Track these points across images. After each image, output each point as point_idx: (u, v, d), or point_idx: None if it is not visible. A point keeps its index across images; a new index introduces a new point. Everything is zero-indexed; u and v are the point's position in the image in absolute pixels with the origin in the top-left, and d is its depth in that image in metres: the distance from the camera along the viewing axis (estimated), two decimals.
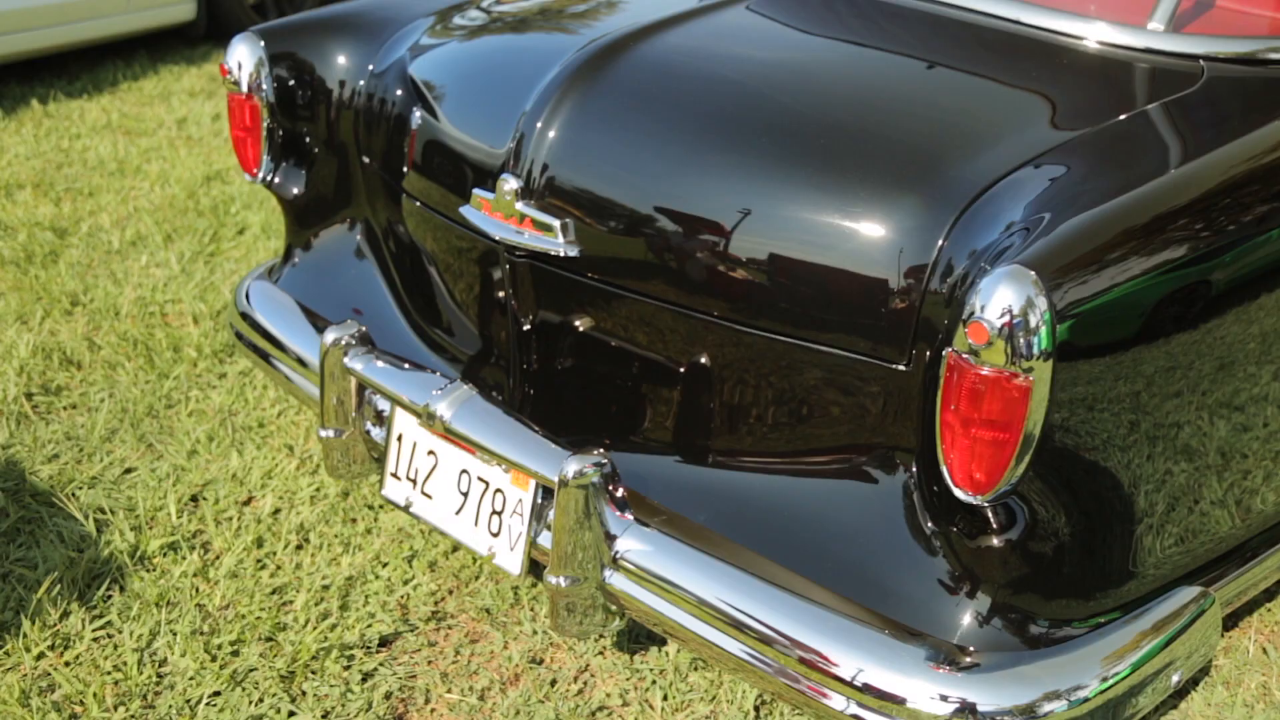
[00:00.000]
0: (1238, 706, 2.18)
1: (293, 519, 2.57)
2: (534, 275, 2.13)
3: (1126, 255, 1.70)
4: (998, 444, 1.58)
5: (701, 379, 2.06)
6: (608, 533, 1.99)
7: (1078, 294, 1.61)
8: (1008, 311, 1.53)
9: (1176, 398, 1.83)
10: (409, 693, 2.16)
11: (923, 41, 2.28)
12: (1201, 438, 1.91)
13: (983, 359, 1.56)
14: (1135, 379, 1.73)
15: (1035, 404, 1.56)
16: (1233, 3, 2.45)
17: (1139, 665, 1.83)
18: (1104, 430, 1.74)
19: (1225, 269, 1.80)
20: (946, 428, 1.63)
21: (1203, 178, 1.86)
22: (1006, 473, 1.60)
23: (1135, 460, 1.83)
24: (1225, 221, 1.82)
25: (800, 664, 1.81)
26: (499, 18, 2.61)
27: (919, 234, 1.79)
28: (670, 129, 2.04)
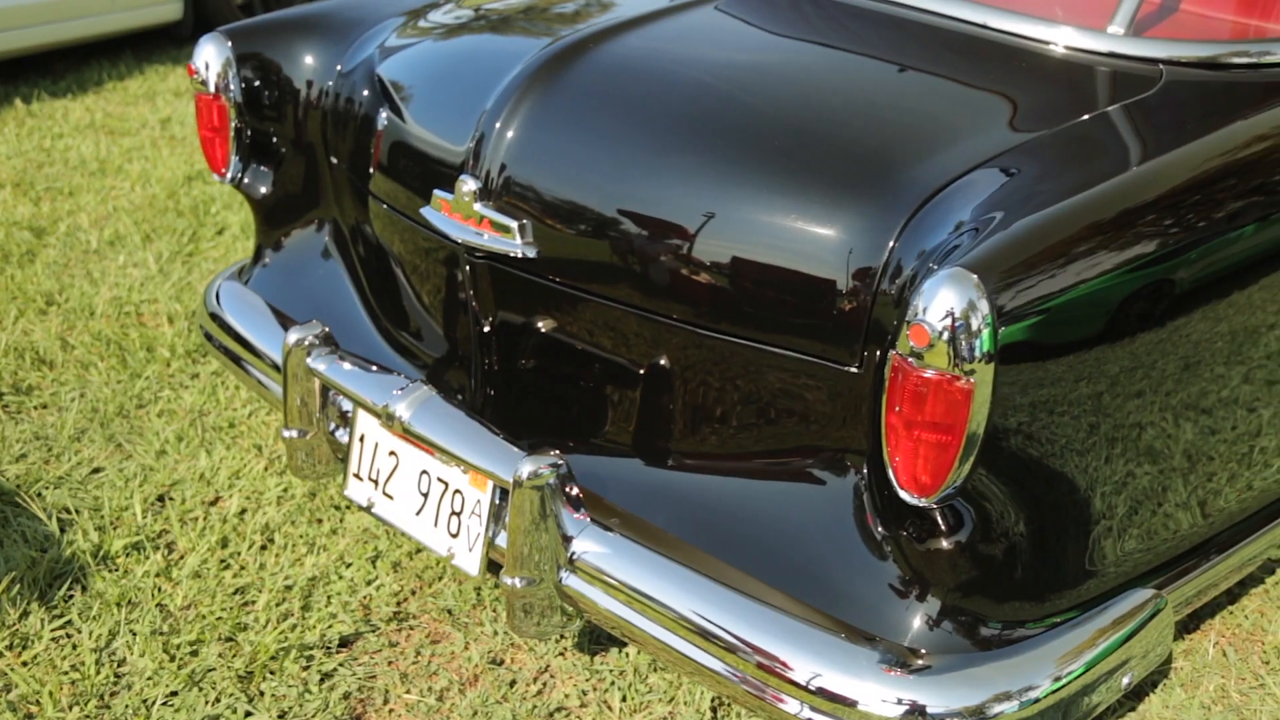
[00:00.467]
0: (1195, 708, 2.19)
1: (258, 519, 2.57)
2: (493, 276, 2.14)
3: (1077, 257, 1.70)
4: (941, 446, 1.58)
5: (660, 381, 2.06)
6: (564, 534, 2.00)
7: (1024, 296, 1.61)
8: (949, 314, 1.53)
9: (1132, 399, 1.83)
10: (368, 693, 2.17)
11: (885, 44, 2.29)
12: (1157, 438, 1.91)
13: (925, 361, 1.56)
14: (1087, 381, 1.73)
15: (978, 406, 1.56)
16: (1196, 7, 2.45)
17: (1089, 667, 1.83)
18: (1055, 432, 1.75)
19: (1178, 271, 1.80)
20: (891, 430, 1.63)
21: (1157, 180, 1.86)
22: (950, 475, 1.60)
23: (1088, 461, 1.83)
24: (1178, 224, 1.82)
25: (753, 667, 1.81)
26: (468, 18, 2.62)
27: (870, 235, 1.80)
28: (627, 130, 2.05)
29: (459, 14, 2.65)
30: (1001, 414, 1.64)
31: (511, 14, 2.61)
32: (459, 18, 2.63)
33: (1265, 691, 2.24)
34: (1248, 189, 1.98)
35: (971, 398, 1.55)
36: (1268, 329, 1.98)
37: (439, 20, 2.63)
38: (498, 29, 2.57)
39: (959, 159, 1.89)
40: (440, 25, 2.60)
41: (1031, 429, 1.72)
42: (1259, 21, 2.41)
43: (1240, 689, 2.25)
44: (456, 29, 2.59)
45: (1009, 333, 1.59)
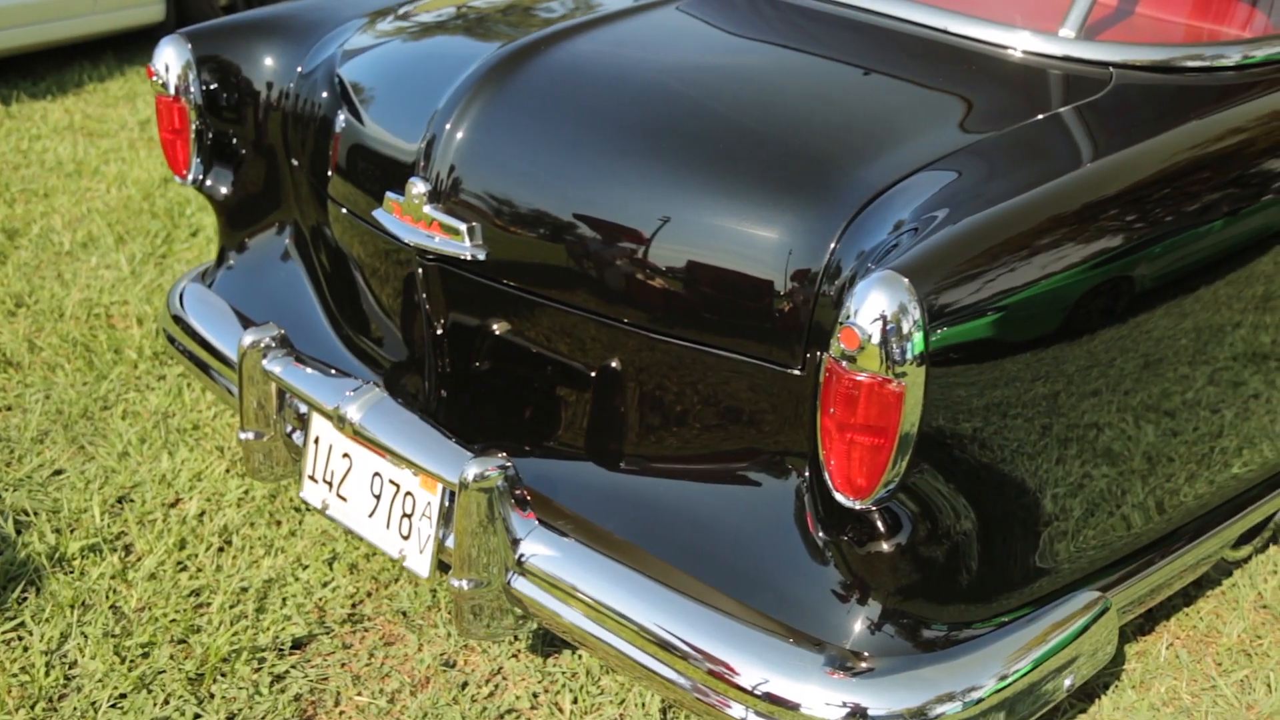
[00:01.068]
0: (1144, 710, 2.19)
1: (217, 521, 2.57)
2: (444, 279, 2.14)
3: (1015, 258, 1.70)
4: (874, 449, 1.58)
5: (610, 384, 2.06)
6: (512, 537, 2.00)
7: (959, 298, 1.61)
8: (880, 317, 1.53)
9: (1077, 400, 1.84)
10: (319, 695, 2.17)
11: (840, 46, 2.29)
12: (1103, 439, 1.91)
13: (857, 364, 1.56)
14: (1027, 382, 1.74)
15: (909, 409, 1.57)
16: (1152, 10, 2.46)
17: (1031, 669, 1.83)
18: (995, 433, 1.75)
19: (1122, 273, 1.80)
20: (825, 432, 1.63)
21: (1101, 182, 1.86)
22: (884, 477, 1.61)
23: (1032, 462, 1.83)
24: (1122, 226, 1.82)
25: (695, 670, 1.81)
26: (429, 20, 2.62)
27: (811, 237, 1.80)
28: (575, 133, 2.05)
29: (420, 16, 2.65)
30: (938, 416, 1.65)
31: (473, 16, 2.61)
32: (420, 20, 2.63)
33: (1216, 693, 2.24)
34: (1195, 190, 1.99)
35: (903, 400, 1.55)
36: (1211, 330, 1.99)
37: (400, 22, 2.64)
38: (458, 31, 2.57)
39: (904, 161, 1.90)
40: (401, 27, 2.61)
41: (970, 431, 1.72)
42: (1213, 25, 2.42)
43: (1191, 690, 2.25)
44: (416, 31, 2.59)
45: (943, 335, 1.59)
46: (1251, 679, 2.28)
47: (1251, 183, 2.08)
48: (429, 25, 2.60)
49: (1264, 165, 2.12)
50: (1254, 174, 2.09)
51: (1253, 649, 2.36)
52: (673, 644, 1.84)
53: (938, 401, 1.63)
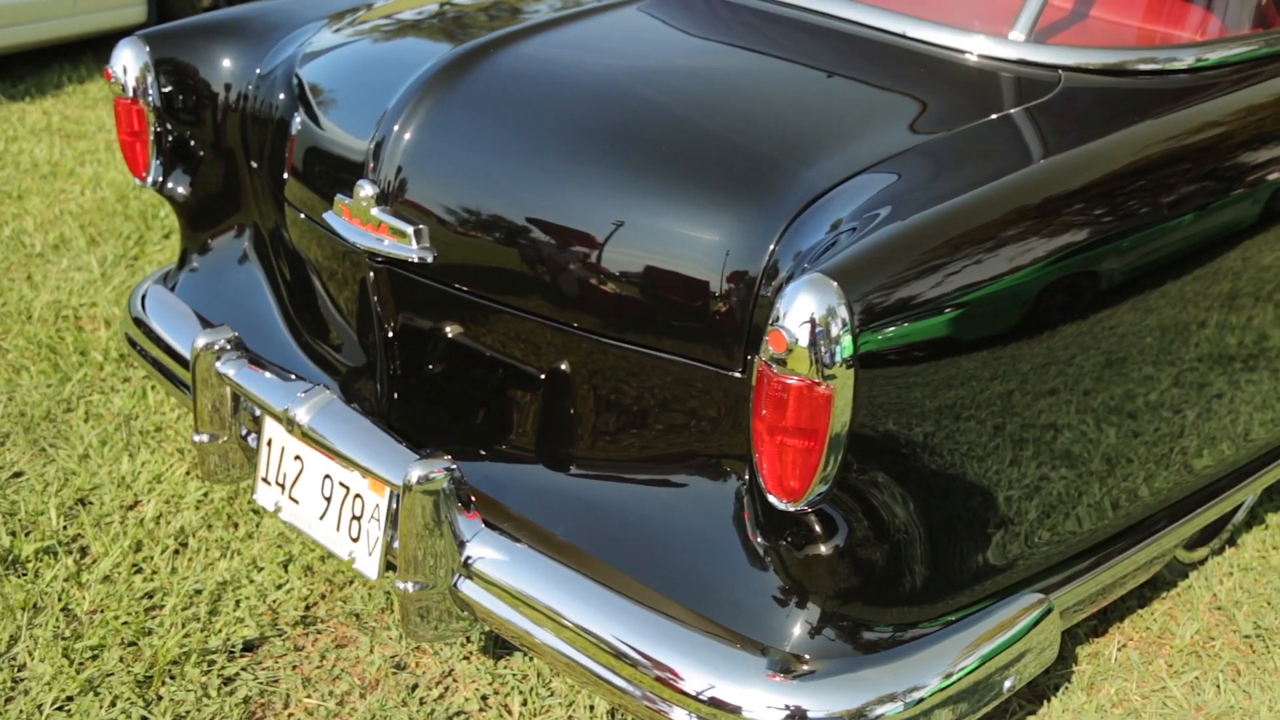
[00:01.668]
0: (1092, 711, 2.19)
1: (175, 523, 2.57)
2: (393, 281, 2.14)
3: (950, 261, 1.70)
4: (804, 451, 1.59)
5: (558, 387, 2.07)
6: (458, 539, 2.00)
7: (890, 300, 1.62)
8: (808, 320, 1.53)
9: (1013, 400, 1.84)
10: (268, 697, 2.17)
11: (794, 48, 2.29)
12: (1044, 440, 1.91)
13: (786, 367, 1.57)
14: (962, 385, 1.74)
15: (839, 411, 1.57)
16: (1106, 14, 2.46)
17: (971, 671, 1.84)
18: (932, 435, 1.75)
19: (1056, 277, 1.80)
20: (757, 435, 1.64)
21: (1040, 184, 1.86)
22: (815, 480, 1.61)
23: (973, 463, 1.83)
24: (1060, 229, 1.82)
25: (634, 672, 1.81)
26: (388, 22, 2.62)
27: (750, 239, 1.80)
28: (520, 134, 2.05)
29: (380, 18, 2.66)
30: (872, 418, 1.65)
31: (435, 18, 2.62)
32: (379, 22, 2.64)
33: (1166, 694, 2.25)
34: (1144, 192, 1.99)
35: (832, 403, 1.55)
36: (1155, 334, 1.99)
37: (359, 24, 2.64)
38: (417, 33, 2.57)
39: (846, 163, 1.90)
40: (360, 29, 2.61)
41: (908, 432, 1.73)
42: (1167, 29, 2.42)
43: (1142, 692, 2.26)
44: (375, 32, 2.59)
45: (873, 338, 1.59)
46: (1201, 680, 2.28)
47: (1204, 184, 2.08)
48: (388, 27, 2.60)
49: (1218, 166, 2.13)
50: (1207, 175, 2.10)
51: (1204, 650, 2.36)
52: (614, 648, 1.83)
53: (871, 403, 1.63)
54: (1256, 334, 2.21)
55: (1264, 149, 2.22)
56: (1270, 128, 2.26)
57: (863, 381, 1.58)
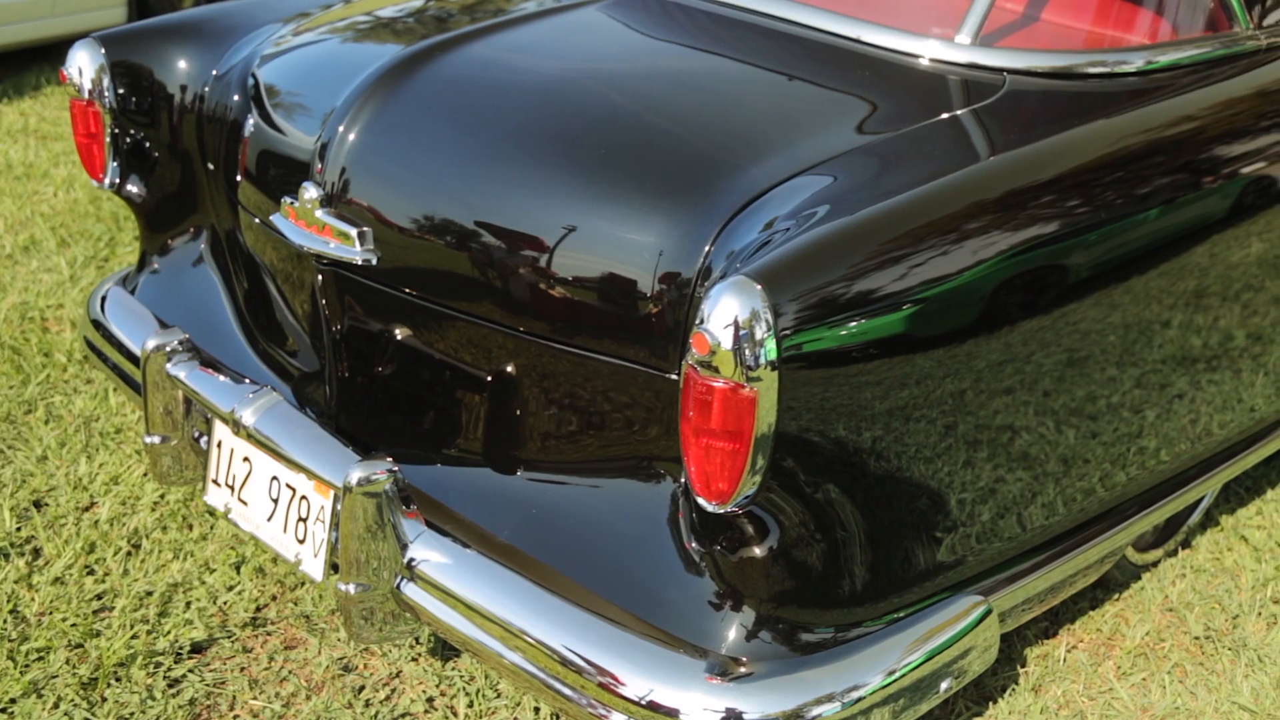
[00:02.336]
0: (1037, 713, 2.20)
1: (129, 525, 2.57)
2: (339, 284, 2.14)
3: (879, 263, 1.71)
4: (731, 454, 1.59)
5: (501, 389, 2.07)
6: (400, 541, 2.01)
7: (816, 302, 1.62)
8: (732, 323, 1.54)
9: (948, 401, 1.84)
10: (214, 699, 2.17)
11: (743, 51, 2.30)
12: (982, 439, 1.91)
13: (711, 369, 1.57)
14: (893, 385, 1.74)
15: (763, 413, 1.57)
16: (1057, 18, 2.47)
17: (907, 673, 1.84)
18: (865, 435, 1.75)
19: (986, 279, 1.80)
20: (684, 437, 1.64)
21: (975, 186, 1.86)
22: (742, 482, 1.61)
23: (908, 464, 1.83)
24: (992, 233, 1.82)
25: (566, 673, 1.81)
26: (346, 25, 2.62)
27: (685, 241, 1.80)
28: (463, 137, 2.06)
29: (337, 21, 2.66)
30: (800, 420, 1.65)
31: (392, 20, 2.62)
32: (337, 25, 2.64)
33: (1112, 695, 2.25)
34: (1081, 194, 1.99)
35: (756, 405, 1.56)
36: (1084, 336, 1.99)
37: (315, 26, 2.64)
38: (372, 36, 2.57)
39: (784, 165, 1.90)
40: (316, 31, 2.61)
41: (840, 433, 1.73)
42: (1116, 32, 2.43)
43: (1089, 693, 2.26)
44: (332, 35, 2.59)
45: (799, 340, 1.60)
46: (1149, 681, 2.29)
47: (1152, 185, 2.09)
48: (345, 29, 2.60)
49: (1166, 167, 2.13)
50: (1155, 176, 2.10)
51: (1154, 652, 2.37)
52: (554, 652, 1.83)
53: (800, 405, 1.63)
54: (1190, 337, 2.20)
55: (1213, 150, 2.22)
56: (1220, 129, 2.27)
57: (789, 383, 1.59)
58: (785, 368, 1.57)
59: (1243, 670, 2.32)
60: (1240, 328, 2.30)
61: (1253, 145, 2.29)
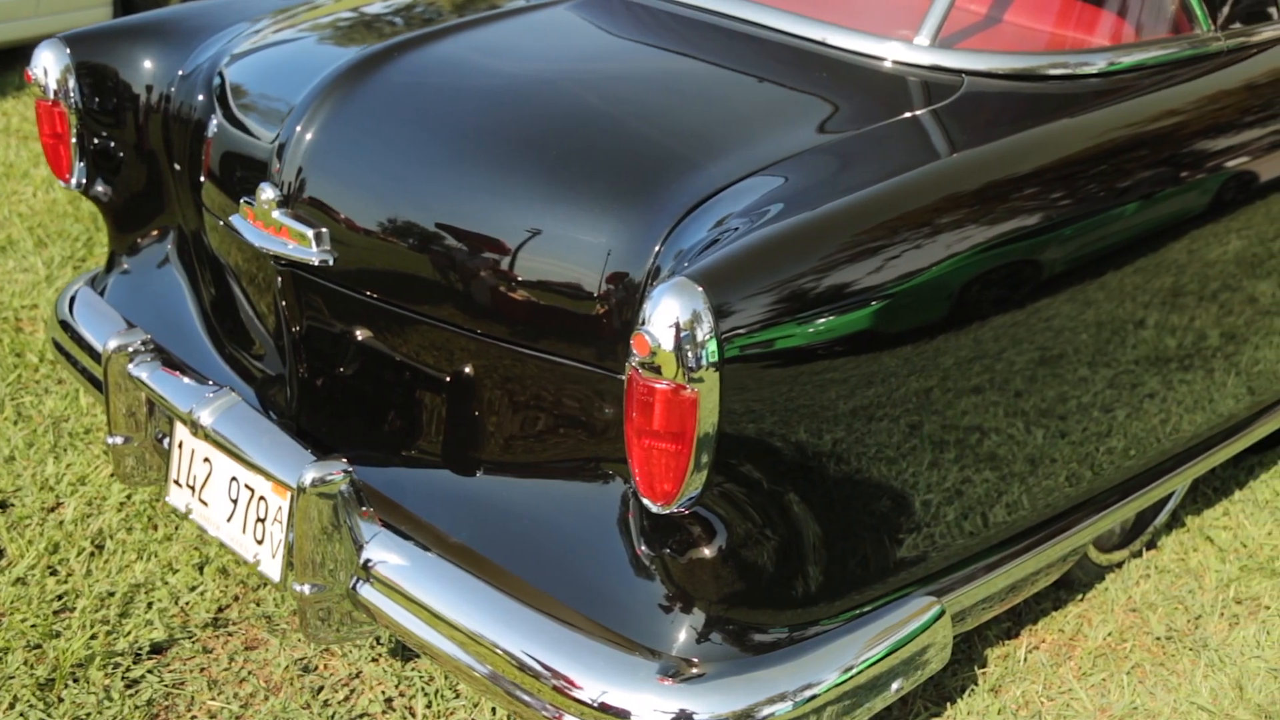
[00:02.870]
0: (995, 714, 2.20)
1: (94, 525, 2.57)
2: (297, 285, 2.14)
3: (823, 265, 1.71)
4: (673, 454, 1.59)
5: (459, 390, 2.07)
6: (356, 542, 2.01)
7: (760, 303, 1.62)
8: (673, 324, 1.54)
9: (893, 400, 1.84)
10: (172, 700, 2.17)
11: (701, 51, 2.30)
12: (925, 439, 1.91)
13: (653, 370, 1.57)
14: (840, 385, 1.74)
15: (705, 414, 1.57)
16: (1020, 19, 2.47)
17: (856, 674, 1.84)
18: (813, 436, 1.75)
19: (932, 283, 1.80)
20: (629, 439, 1.64)
21: (925, 187, 1.87)
22: (686, 483, 1.61)
23: (859, 463, 1.83)
24: (941, 235, 1.82)
25: (512, 669, 1.81)
26: (312, 26, 2.62)
27: (636, 242, 1.81)
28: (419, 137, 2.06)
29: (304, 21, 2.66)
30: (745, 420, 1.65)
31: (358, 21, 2.62)
32: (303, 25, 2.63)
33: (1071, 697, 2.25)
34: (1025, 197, 1.98)
35: (698, 406, 1.56)
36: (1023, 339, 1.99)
37: (282, 27, 2.64)
38: (337, 36, 2.58)
39: (735, 166, 1.90)
40: (282, 31, 2.61)
41: (786, 434, 1.73)
42: (1079, 34, 2.43)
43: (1048, 694, 2.26)
44: (297, 36, 2.59)
45: (741, 341, 1.60)
46: (1108, 682, 2.29)
47: (1107, 187, 2.09)
48: (312, 30, 2.60)
49: (1125, 167, 2.13)
50: (1114, 176, 2.10)
51: (1115, 652, 2.37)
52: (504, 652, 1.83)
53: (744, 405, 1.63)
54: (1139, 338, 2.20)
55: (1172, 152, 2.22)
56: (1182, 131, 2.27)
57: (732, 384, 1.59)
58: (728, 369, 1.57)
59: (1202, 671, 2.32)
60: (1195, 329, 2.30)
61: (1213, 147, 2.29)
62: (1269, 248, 2.41)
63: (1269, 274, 2.43)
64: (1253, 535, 2.70)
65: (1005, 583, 2.14)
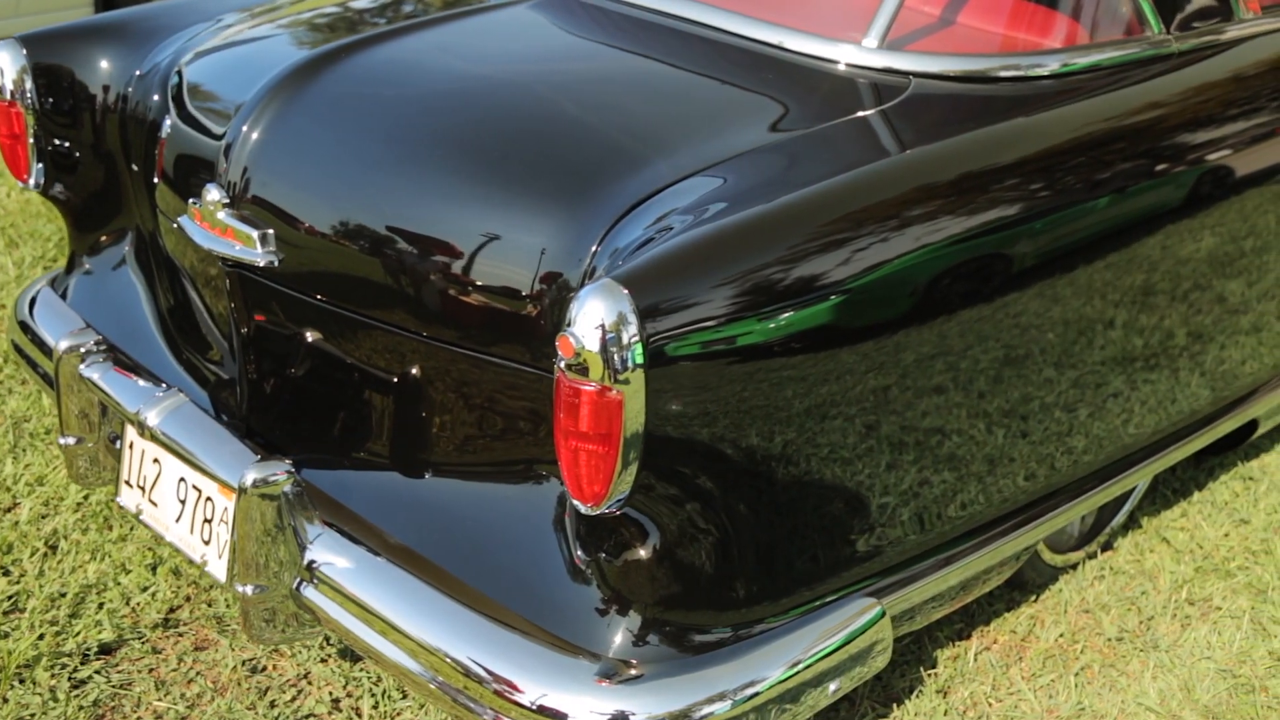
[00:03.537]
0: (941, 715, 2.20)
1: (48, 526, 2.57)
2: (245, 286, 2.14)
3: (753, 267, 1.71)
4: (600, 456, 1.59)
5: (403, 391, 2.07)
6: (300, 543, 2.01)
7: (687, 305, 1.62)
8: (599, 326, 1.54)
9: (828, 400, 1.83)
10: (118, 700, 2.17)
11: (652, 52, 2.30)
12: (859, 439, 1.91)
13: (579, 372, 1.57)
14: (772, 387, 1.74)
15: (631, 416, 1.57)
16: (972, 21, 2.47)
17: (793, 675, 1.84)
18: (747, 436, 1.75)
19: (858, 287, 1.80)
20: (557, 440, 1.64)
21: (859, 189, 1.87)
22: (613, 484, 1.62)
23: (797, 465, 1.83)
24: (873, 236, 1.82)
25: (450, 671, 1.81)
26: (272, 27, 2.62)
27: (572, 245, 1.81)
28: (363, 138, 2.05)
29: (262, 22, 2.66)
30: (674, 422, 1.65)
31: (317, 21, 2.62)
32: (261, 26, 2.64)
33: (1019, 698, 2.26)
34: (962, 199, 1.97)
35: (623, 408, 1.56)
36: (943, 340, 1.98)
37: (239, 27, 2.64)
38: (292, 37, 2.58)
39: (677, 166, 1.91)
40: (240, 32, 2.61)
41: (718, 434, 1.72)
42: (1028, 35, 2.43)
43: (996, 695, 2.26)
44: (254, 36, 2.59)
45: (669, 342, 1.60)
46: (1057, 683, 2.29)
47: (1057, 187, 2.09)
48: (270, 31, 2.60)
49: (1071, 167, 2.13)
50: (1060, 178, 2.10)
51: (1066, 653, 2.37)
52: (441, 653, 1.84)
53: (672, 407, 1.63)
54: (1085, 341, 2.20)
55: (1126, 151, 2.23)
56: (1133, 132, 2.27)
57: (661, 386, 1.59)
58: (655, 371, 1.57)
59: (1151, 671, 2.32)
60: (1144, 329, 2.30)
61: (1168, 148, 2.29)
62: (1223, 247, 2.41)
63: (1222, 273, 2.44)
64: (1209, 536, 2.70)
65: (956, 580, 2.14)
